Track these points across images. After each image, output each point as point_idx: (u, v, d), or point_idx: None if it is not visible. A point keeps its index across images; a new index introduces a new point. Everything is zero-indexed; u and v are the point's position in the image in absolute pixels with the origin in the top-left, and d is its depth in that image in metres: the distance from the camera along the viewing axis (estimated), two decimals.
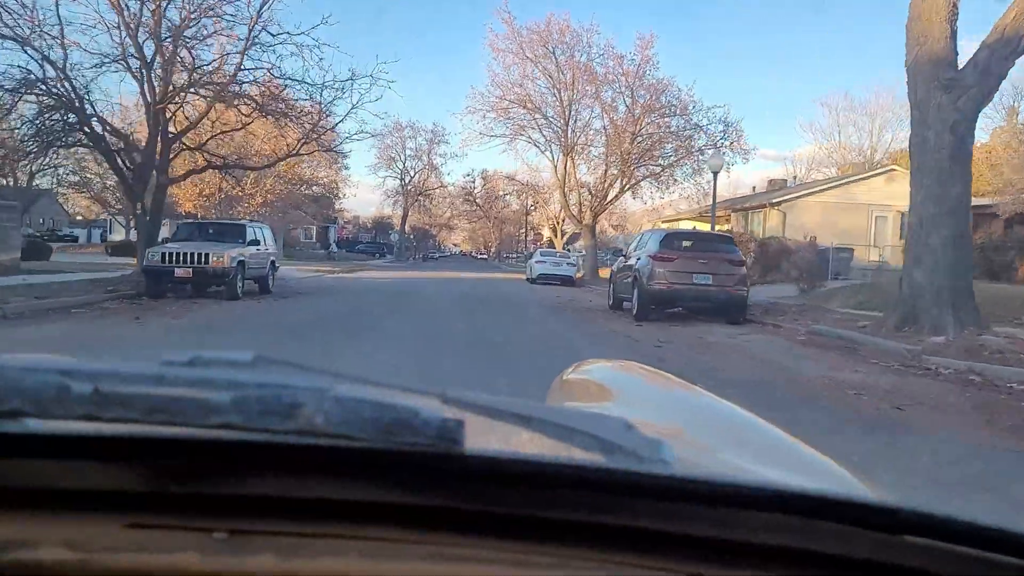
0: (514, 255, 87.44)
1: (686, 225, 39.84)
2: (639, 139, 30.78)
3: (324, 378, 0.58)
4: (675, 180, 31.41)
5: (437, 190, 68.36)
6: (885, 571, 0.54)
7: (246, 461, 0.56)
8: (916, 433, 5.29)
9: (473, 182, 68.39)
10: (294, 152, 20.72)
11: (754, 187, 42.58)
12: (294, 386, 0.53)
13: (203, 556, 0.53)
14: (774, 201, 28.83)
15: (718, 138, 30.61)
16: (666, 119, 30.44)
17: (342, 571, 0.53)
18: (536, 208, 62.77)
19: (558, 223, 44.35)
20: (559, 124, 32.74)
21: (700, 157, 30.90)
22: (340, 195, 51.40)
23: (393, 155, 68.38)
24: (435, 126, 66.01)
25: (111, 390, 0.52)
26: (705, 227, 38.73)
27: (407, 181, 68.83)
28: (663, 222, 44.79)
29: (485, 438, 0.56)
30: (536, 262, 28.28)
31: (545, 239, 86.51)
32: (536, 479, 0.54)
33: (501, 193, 70.00)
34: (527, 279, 29.76)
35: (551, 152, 34.93)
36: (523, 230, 75.80)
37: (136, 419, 0.52)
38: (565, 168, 33.37)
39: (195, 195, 33.10)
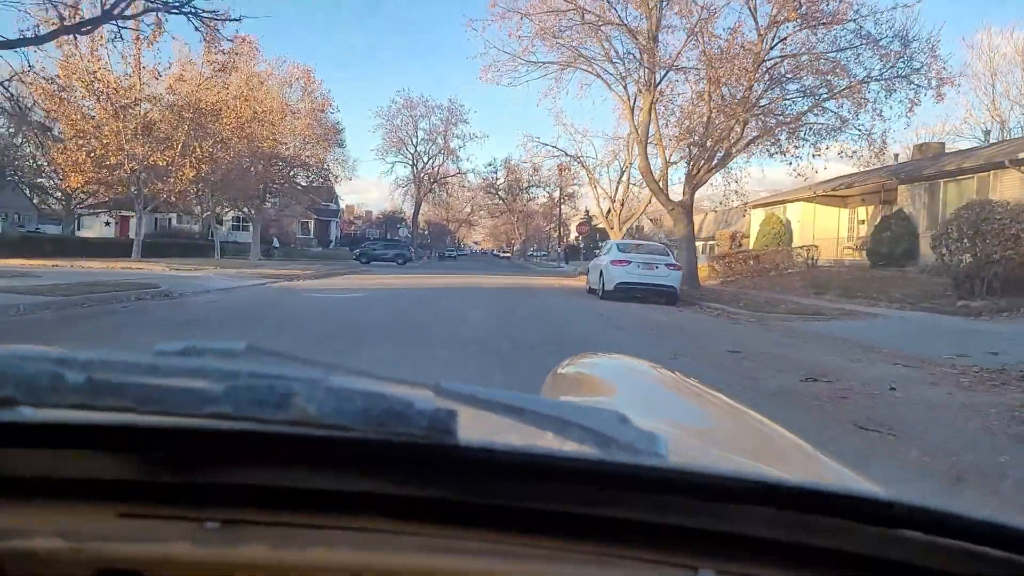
0: (540, 253, 73.64)
1: (800, 209, 26.12)
2: (766, 64, 16.95)
3: (317, 369, 0.58)
4: (799, 138, 17.60)
5: (454, 177, 55.03)
6: (881, 565, 0.54)
7: (239, 451, 0.56)
8: None
9: (495, 172, 55.29)
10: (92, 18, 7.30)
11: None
12: (287, 376, 0.53)
13: (196, 545, 0.54)
14: (1020, 158, 14.84)
15: (893, 61, 16.83)
16: (809, 26, 16.59)
17: (334, 561, 0.53)
18: (571, 196, 48.69)
19: (614, 207, 30.31)
20: (640, 44, 18.73)
21: (862, 96, 17.03)
22: (333, 178, 38.07)
23: (403, 137, 54.64)
24: (451, 103, 54.05)
25: (105, 379, 0.52)
26: (828, 211, 24.79)
27: (420, 168, 55.33)
28: (756, 206, 30.02)
29: (478, 430, 0.56)
30: (612, 262, 14.81)
31: (573, 235, 71.81)
32: (530, 471, 0.54)
33: (525, 185, 56.65)
34: (590, 290, 19.37)
35: (625, 90, 20.93)
36: (551, 225, 62.85)
37: (130, 408, 0.52)
38: (649, 113, 19.34)
39: (87, 162, 19.52)
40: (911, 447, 4.53)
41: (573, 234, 69.80)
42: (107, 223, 50.49)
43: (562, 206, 54.39)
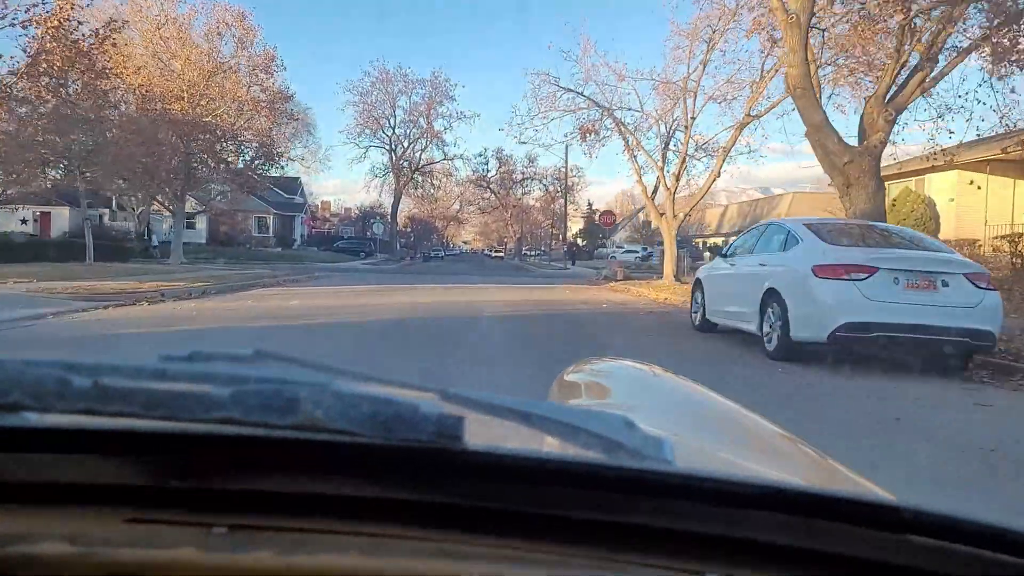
0: (536, 252, 62.87)
1: (954, 183, 15.85)
2: None
3: (324, 374, 0.60)
4: None
5: (439, 164, 44.42)
6: (888, 570, 0.56)
7: (246, 456, 0.58)
8: None
9: (486, 163, 45.41)
10: None
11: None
12: (294, 381, 0.55)
13: (203, 551, 0.54)
14: None
15: None
16: None
17: (342, 567, 0.54)
18: (570, 189, 38.54)
19: (668, 184, 19.66)
20: None
21: None
22: (278, 156, 27.27)
23: (378, 116, 43.64)
24: (435, 76, 43.48)
25: (111, 384, 0.53)
26: (999, 184, 14.60)
27: (399, 154, 44.36)
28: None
29: (485, 435, 0.59)
30: (818, 271, 3.28)
31: (573, 232, 60.34)
32: (537, 476, 0.56)
33: (520, 177, 47.52)
34: (702, 326, 9.28)
35: None
36: (549, 221, 53.07)
37: (136, 413, 0.53)
38: None
39: None
40: None
41: (572, 230, 59.53)
42: (23, 220, 39.52)
43: (559, 202, 44.34)
